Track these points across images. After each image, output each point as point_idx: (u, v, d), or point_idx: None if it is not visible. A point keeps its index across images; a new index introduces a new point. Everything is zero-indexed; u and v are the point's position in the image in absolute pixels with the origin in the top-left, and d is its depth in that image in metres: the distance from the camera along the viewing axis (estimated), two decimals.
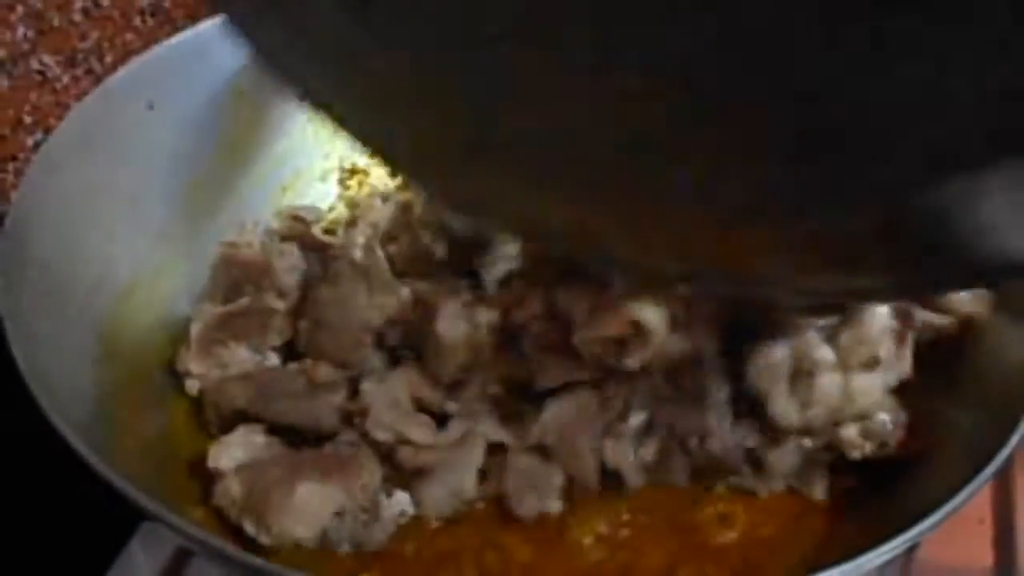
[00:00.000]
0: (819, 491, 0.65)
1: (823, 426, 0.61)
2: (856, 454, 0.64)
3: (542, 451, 0.65)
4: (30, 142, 0.87)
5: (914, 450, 0.64)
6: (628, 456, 0.64)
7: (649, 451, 0.64)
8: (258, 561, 0.57)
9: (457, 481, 0.64)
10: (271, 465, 0.62)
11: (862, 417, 0.61)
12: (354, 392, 0.68)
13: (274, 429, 0.66)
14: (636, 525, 0.64)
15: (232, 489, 0.62)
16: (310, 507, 0.60)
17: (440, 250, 0.65)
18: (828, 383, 0.60)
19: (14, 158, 0.86)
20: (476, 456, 0.64)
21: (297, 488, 0.60)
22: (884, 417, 0.63)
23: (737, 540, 0.63)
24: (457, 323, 0.66)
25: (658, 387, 0.64)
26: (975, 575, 0.70)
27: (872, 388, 0.60)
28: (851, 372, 0.60)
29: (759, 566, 0.61)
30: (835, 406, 0.60)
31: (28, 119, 0.87)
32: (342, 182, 0.86)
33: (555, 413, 0.65)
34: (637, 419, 0.64)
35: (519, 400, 0.67)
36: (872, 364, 0.60)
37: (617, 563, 0.61)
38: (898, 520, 0.55)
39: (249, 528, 0.60)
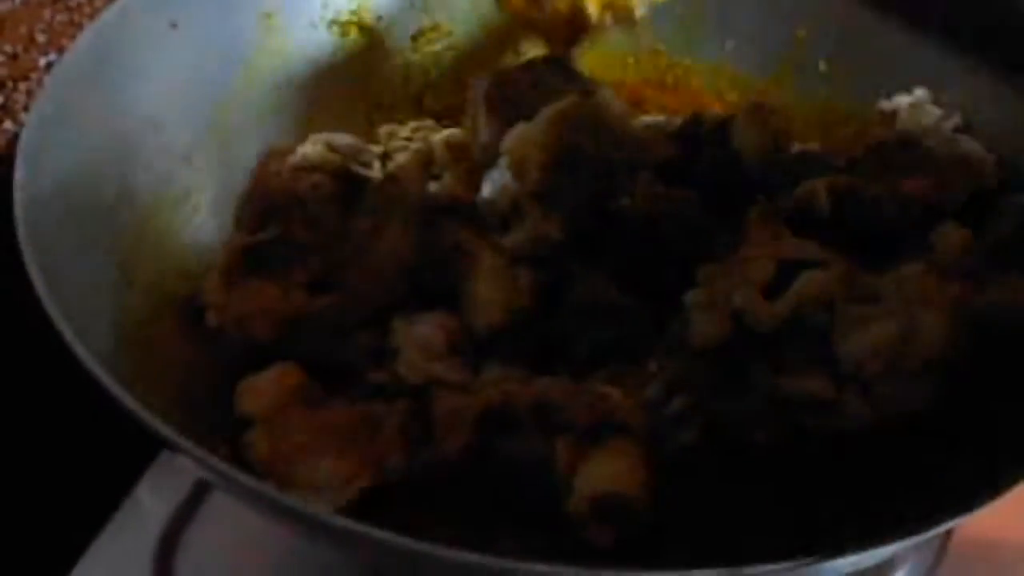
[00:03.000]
0: None
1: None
2: (898, 422, 0.61)
3: None
4: (43, 62, 0.83)
5: (961, 418, 0.62)
6: (668, 439, 0.62)
7: (689, 436, 0.62)
8: (285, 497, 0.55)
9: None
10: (299, 425, 0.60)
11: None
12: (384, 331, 0.65)
13: (307, 368, 0.64)
14: (684, 469, 0.61)
15: (257, 443, 0.59)
16: (335, 485, 0.58)
17: (490, 187, 0.62)
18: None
19: (26, 78, 0.82)
20: None
21: (323, 463, 0.58)
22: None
23: None
24: (497, 283, 0.63)
25: (701, 368, 0.62)
26: (1012, 548, 0.68)
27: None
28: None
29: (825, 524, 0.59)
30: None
31: (41, 38, 0.83)
32: (369, 113, 0.83)
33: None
34: (679, 402, 0.62)
35: (553, 355, 0.64)
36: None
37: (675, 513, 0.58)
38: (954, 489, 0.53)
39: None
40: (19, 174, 0.60)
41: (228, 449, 0.61)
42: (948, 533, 0.68)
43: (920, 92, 0.72)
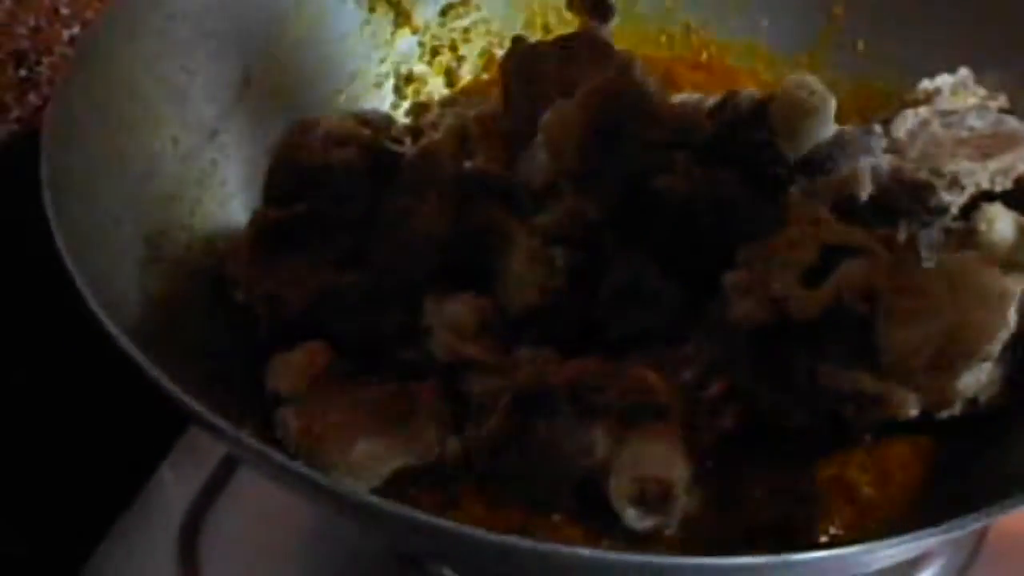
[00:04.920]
0: None
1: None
2: (944, 414, 0.60)
3: None
4: (66, 35, 0.82)
5: (1009, 407, 0.60)
6: (706, 423, 0.60)
7: (727, 421, 0.61)
8: (322, 477, 0.54)
9: None
10: (331, 404, 0.59)
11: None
12: (416, 309, 0.64)
13: (337, 346, 0.62)
14: (722, 454, 0.60)
15: (289, 422, 0.58)
16: (368, 466, 0.57)
17: (525, 166, 0.60)
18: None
19: (50, 51, 0.81)
20: None
21: (357, 443, 0.57)
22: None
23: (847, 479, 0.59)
24: (532, 263, 0.62)
25: (740, 352, 0.61)
26: None
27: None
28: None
29: (873, 510, 0.58)
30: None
31: (65, 11, 0.82)
32: (398, 89, 0.82)
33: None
34: (717, 387, 0.61)
35: (588, 337, 0.63)
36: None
37: (713, 499, 0.57)
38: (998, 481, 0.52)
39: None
40: (45, 148, 0.59)
41: (256, 427, 0.60)
42: (984, 530, 0.67)
43: (963, 71, 0.70)
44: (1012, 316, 0.56)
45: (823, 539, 0.56)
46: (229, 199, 0.70)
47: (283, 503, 0.65)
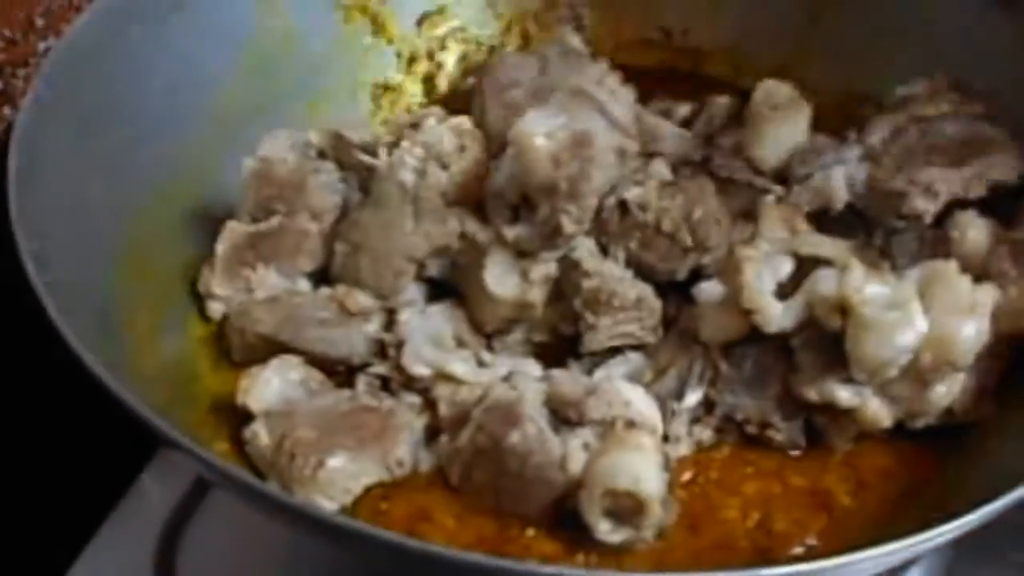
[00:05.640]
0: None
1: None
2: (919, 424, 0.60)
3: None
4: (42, 47, 0.82)
5: (984, 416, 0.60)
6: (682, 435, 0.60)
7: (705, 431, 0.60)
8: (282, 495, 0.54)
9: None
10: (302, 421, 0.58)
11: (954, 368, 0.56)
12: (390, 323, 0.64)
13: (309, 360, 0.62)
14: (698, 465, 0.60)
15: (260, 437, 0.58)
16: (339, 483, 0.56)
17: (499, 178, 0.60)
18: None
19: (25, 63, 0.81)
20: None
21: (328, 462, 0.56)
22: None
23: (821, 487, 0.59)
24: (507, 278, 0.61)
25: (715, 363, 0.61)
26: None
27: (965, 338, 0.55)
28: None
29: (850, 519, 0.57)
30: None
31: (40, 22, 0.82)
32: (374, 100, 0.81)
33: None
34: (693, 398, 0.61)
35: (563, 349, 0.63)
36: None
37: (688, 511, 0.57)
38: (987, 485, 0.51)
39: (274, 487, 0.56)
40: (13, 161, 0.58)
41: (229, 444, 0.60)
42: None
43: (939, 76, 0.69)
44: (985, 326, 0.56)
45: (799, 550, 0.55)
46: (204, 211, 0.70)
47: (262, 517, 0.65)
